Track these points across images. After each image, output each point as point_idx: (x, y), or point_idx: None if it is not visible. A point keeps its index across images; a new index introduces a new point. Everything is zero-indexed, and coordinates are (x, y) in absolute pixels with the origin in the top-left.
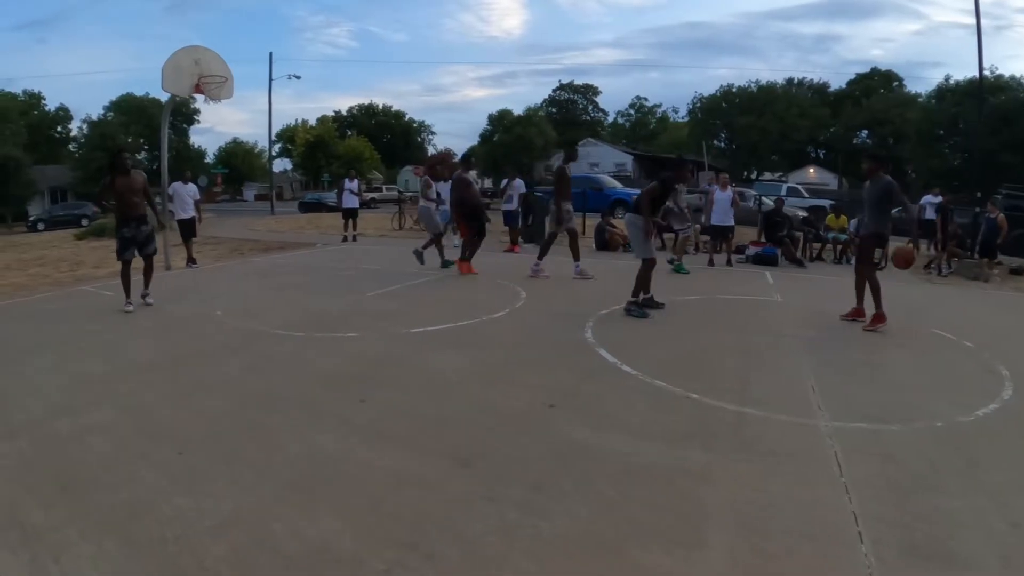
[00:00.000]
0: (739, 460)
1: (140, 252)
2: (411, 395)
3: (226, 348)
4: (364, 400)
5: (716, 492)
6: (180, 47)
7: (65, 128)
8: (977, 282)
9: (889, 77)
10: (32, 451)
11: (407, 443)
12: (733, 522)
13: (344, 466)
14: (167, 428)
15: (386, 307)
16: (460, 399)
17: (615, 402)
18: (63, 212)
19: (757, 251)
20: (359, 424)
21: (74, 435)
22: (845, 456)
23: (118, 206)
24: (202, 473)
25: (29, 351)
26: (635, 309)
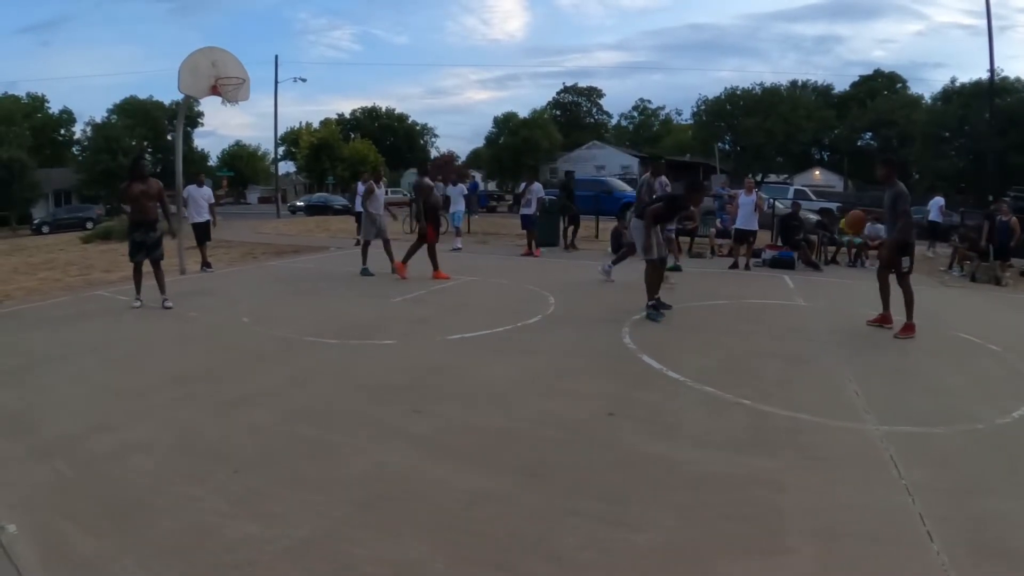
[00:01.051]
0: (804, 467)
1: (148, 256)
2: (467, 406)
3: (260, 357)
4: (419, 412)
5: (789, 499)
6: (187, 49)
7: (69, 131)
8: (990, 284)
9: (893, 79)
10: (71, 472)
11: (474, 457)
12: (811, 528)
13: (414, 483)
14: (214, 445)
15: (416, 313)
16: (518, 409)
17: (672, 410)
18: (67, 215)
19: (774, 255)
20: (419, 437)
21: (114, 454)
22: (900, 459)
23: (132, 211)
24: (264, 494)
25: (52, 360)
26: (653, 313)
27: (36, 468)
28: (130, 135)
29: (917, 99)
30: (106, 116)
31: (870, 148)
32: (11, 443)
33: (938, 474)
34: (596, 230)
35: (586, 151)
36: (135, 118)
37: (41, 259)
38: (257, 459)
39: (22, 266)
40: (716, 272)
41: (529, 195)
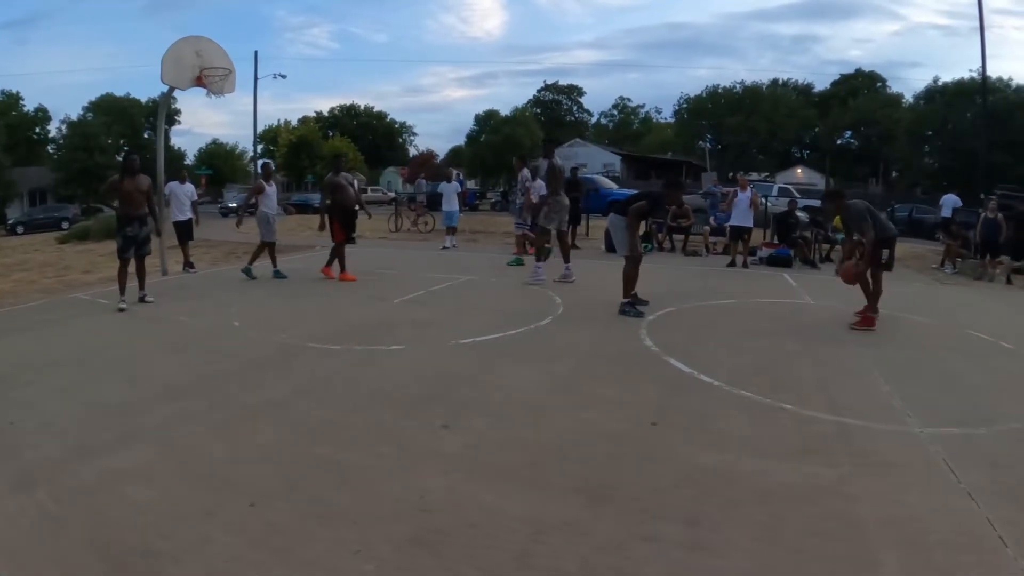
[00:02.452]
0: (864, 474)
1: (137, 252)
2: (498, 418)
3: (259, 366)
4: (447, 426)
5: (860, 508)
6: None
7: (44, 129)
8: (981, 281)
9: (873, 78)
10: (56, 506)
11: (523, 478)
12: (892, 538)
13: (464, 512)
14: (222, 471)
15: (419, 315)
16: (555, 420)
17: (716, 417)
18: (43, 215)
19: (771, 252)
20: (454, 456)
21: (105, 483)
22: (953, 462)
23: (123, 206)
24: (290, 532)
25: (31, 371)
26: (630, 309)
27: (14, 501)
28: (107, 133)
29: (898, 98)
30: (82, 114)
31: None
32: None
33: (992, 476)
34: (587, 228)
35: (568, 149)
36: (112, 116)
37: (15, 260)
38: (274, 487)
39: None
40: (715, 270)
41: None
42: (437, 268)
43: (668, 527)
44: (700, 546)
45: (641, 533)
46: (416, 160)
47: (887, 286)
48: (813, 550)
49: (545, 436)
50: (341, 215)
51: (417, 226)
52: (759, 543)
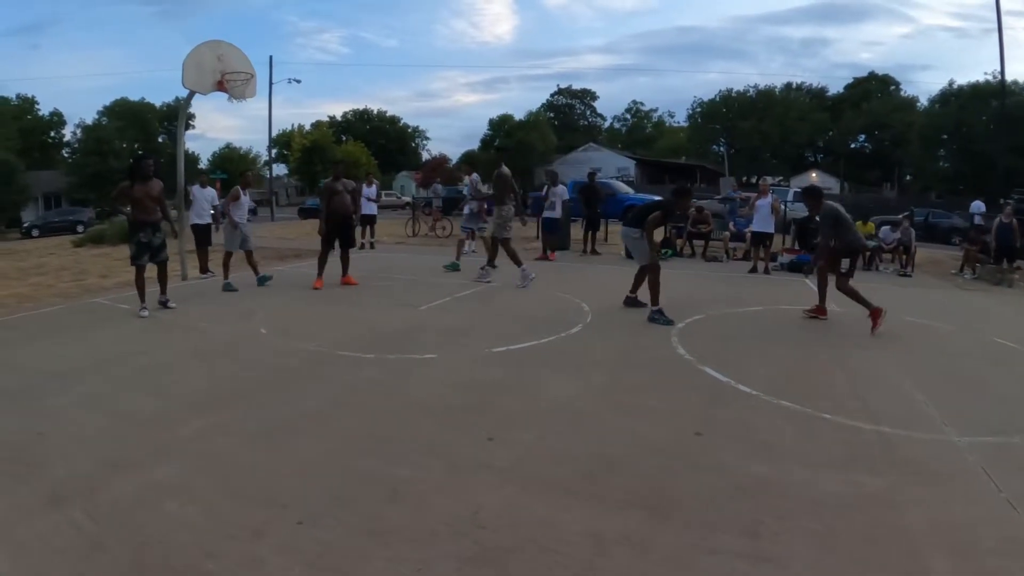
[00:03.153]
0: (909, 483)
1: (153, 259)
2: (543, 429)
3: (290, 374)
4: (492, 439)
5: (908, 517)
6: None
7: (59, 133)
8: (1000, 287)
9: (886, 81)
10: (92, 524)
11: (578, 491)
12: (942, 546)
13: (523, 527)
14: (265, 486)
15: (449, 323)
16: (600, 431)
17: (760, 427)
18: (58, 218)
19: (791, 258)
20: (505, 470)
21: (144, 499)
22: (992, 471)
23: (135, 211)
24: (344, 551)
25: (56, 379)
26: (660, 317)
27: (48, 520)
28: (121, 137)
29: (911, 101)
30: (96, 118)
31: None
32: (16, 486)
33: None
34: (606, 233)
35: (582, 153)
36: (126, 120)
37: (32, 263)
38: (322, 504)
39: (12, 271)
40: (737, 276)
41: (553, 197)
42: (460, 274)
43: (729, 539)
44: (763, 558)
45: (704, 546)
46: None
47: (909, 293)
48: (869, 559)
49: (593, 447)
50: (333, 222)
51: (435, 231)
52: (818, 553)
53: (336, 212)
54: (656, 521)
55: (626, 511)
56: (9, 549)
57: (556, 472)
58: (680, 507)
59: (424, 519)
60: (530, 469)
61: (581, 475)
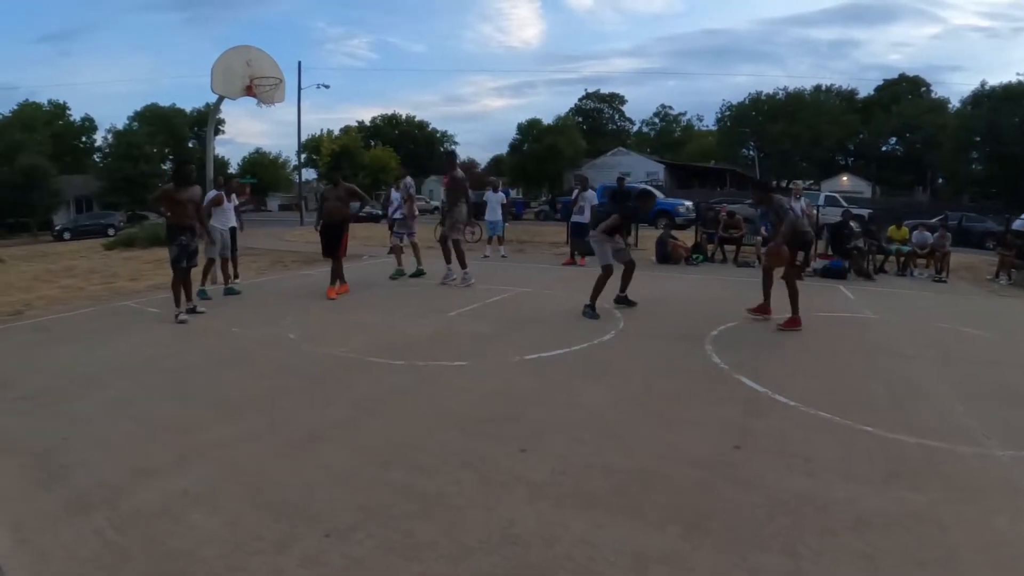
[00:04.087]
0: (954, 499)
1: (187, 263)
2: (577, 441)
3: (318, 381)
4: (525, 450)
5: (954, 535)
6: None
7: (90, 138)
8: None
9: (917, 82)
10: (116, 534)
11: (615, 506)
12: (990, 565)
13: (558, 543)
14: (292, 497)
15: (479, 329)
16: (636, 443)
17: (799, 440)
18: (89, 221)
19: (825, 264)
20: (540, 484)
21: (168, 508)
22: None
23: (175, 216)
24: (375, 567)
25: (83, 382)
26: (590, 313)
27: (73, 528)
28: (151, 142)
29: (942, 103)
30: (127, 123)
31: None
32: (41, 492)
33: None
34: (636, 238)
35: (611, 158)
36: (156, 125)
37: (62, 266)
38: (350, 516)
39: (43, 273)
40: None
41: (582, 202)
42: (490, 279)
43: (769, 559)
44: None
45: (744, 566)
46: None
47: (944, 299)
48: None
49: (629, 460)
50: (325, 229)
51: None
52: (863, 573)
53: (329, 220)
54: (695, 538)
55: (663, 527)
56: (31, 557)
57: (591, 486)
58: (718, 524)
59: (456, 534)
60: (564, 482)
61: (617, 489)
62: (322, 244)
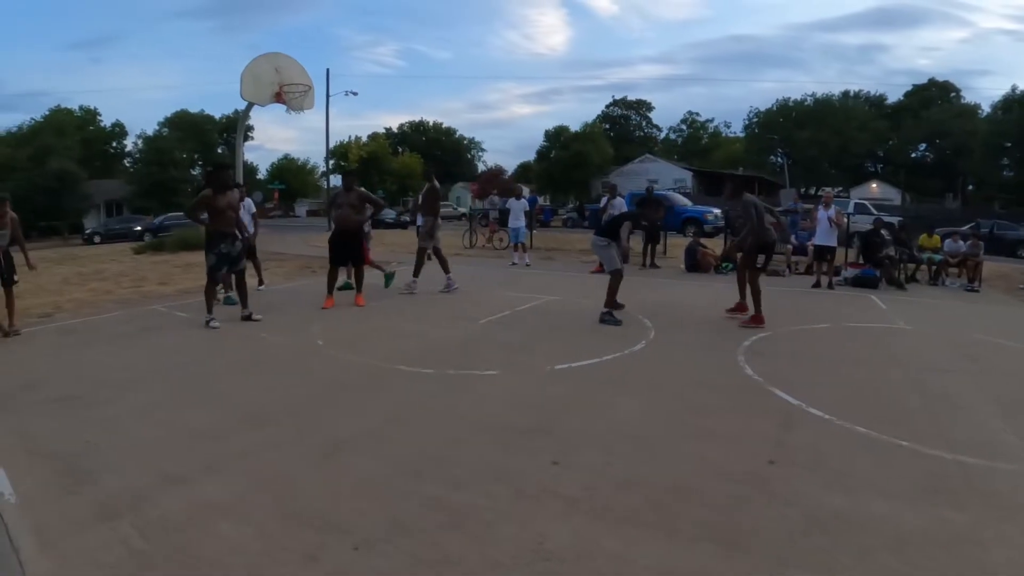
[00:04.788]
0: (993, 517)
1: (231, 268)
2: (611, 454)
3: (347, 388)
4: (558, 463)
5: (994, 555)
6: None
7: (120, 144)
8: None
9: (946, 88)
10: (142, 542)
11: (648, 522)
12: None
13: (590, 560)
14: (320, 508)
15: (508, 337)
16: (669, 457)
17: (834, 455)
18: (119, 225)
19: (856, 273)
20: (572, 498)
21: (194, 516)
22: None
23: (215, 222)
24: None
25: (109, 387)
26: (609, 318)
27: (98, 534)
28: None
29: (973, 108)
30: (157, 129)
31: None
32: (66, 496)
33: None
34: (665, 246)
35: (638, 165)
36: (185, 131)
37: (92, 269)
38: (379, 529)
39: (73, 276)
40: (800, 291)
41: (612, 210)
42: (518, 287)
43: None
44: None
45: None
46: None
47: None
48: None
49: (663, 475)
50: (334, 236)
51: (492, 242)
52: None
53: (339, 227)
54: (729, 556)
55: (697, 544)
56: (55, 563)
57: (625, 501)
58: (753, 541)
59: (487, 549)
60: (597, 497)
61: (651, 504)
62: (331, 253)
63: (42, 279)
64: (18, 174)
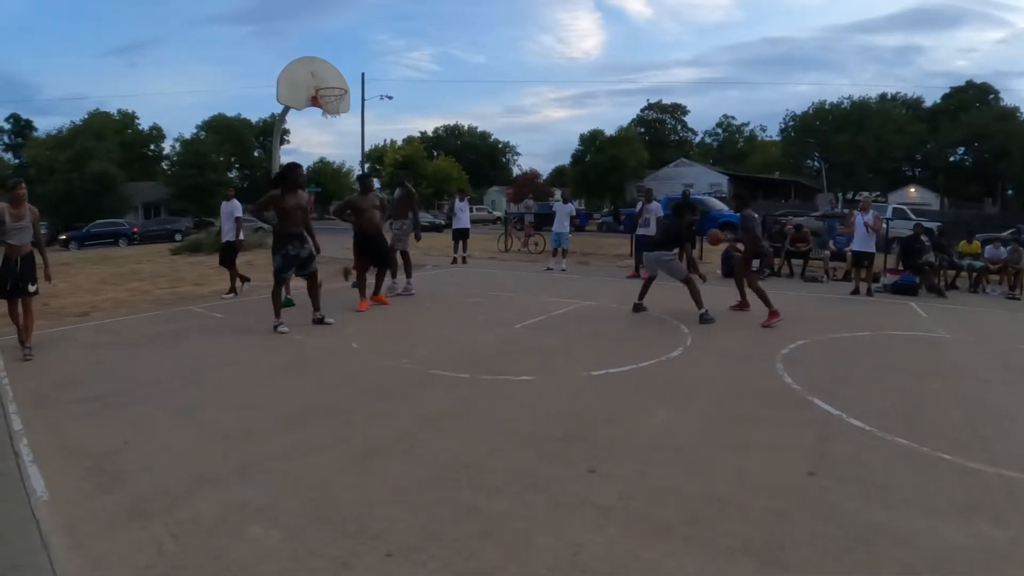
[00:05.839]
0: None
1: (300, 272)
2: (648, 463)
3: (382, 392)
4: (594, 471)
5: None
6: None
7: (158, 146)
8: None
9: (984, 89)
10: (173, 544)
11: (684, 535)
12: None
13: (625, 572)
14: (353, 513)
15: (544, 343)
16: (707, 468)
17: (875, 468)
18: (156, 227)
19: (895, 280)
20: (608, 507)
21: (226, 520)
22: None
23: (282, 223)
24: None
25: (146, 387)
26: (707, 316)
27: (129, 535)
28: (217, 151)
29: (1012, 111)
30: (194, 132)
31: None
32: (99, 496)
33: None
34: (700, 251)
35: (674, 169)
36: (222, 135)
37: (129, 269)
38: (413, 536)
39: (110, 276)
40: (839, 298)
41: (647, 214)
42: (554, 291)
43: None
44: None
45: None
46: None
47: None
48: None
49: (700, 486)
50: (360, 241)
51: (527, 246)
52: None
53: (364, 231)
54: (769, 571)
55: (736, 559)
56: (87, 562)
57: (662, 512)
58: (793, 557)
59: (522, 559)
60: (634, 507)
61: (688, 516)
62: (358, 258)
63: (79, 279)
64: (57, 176)
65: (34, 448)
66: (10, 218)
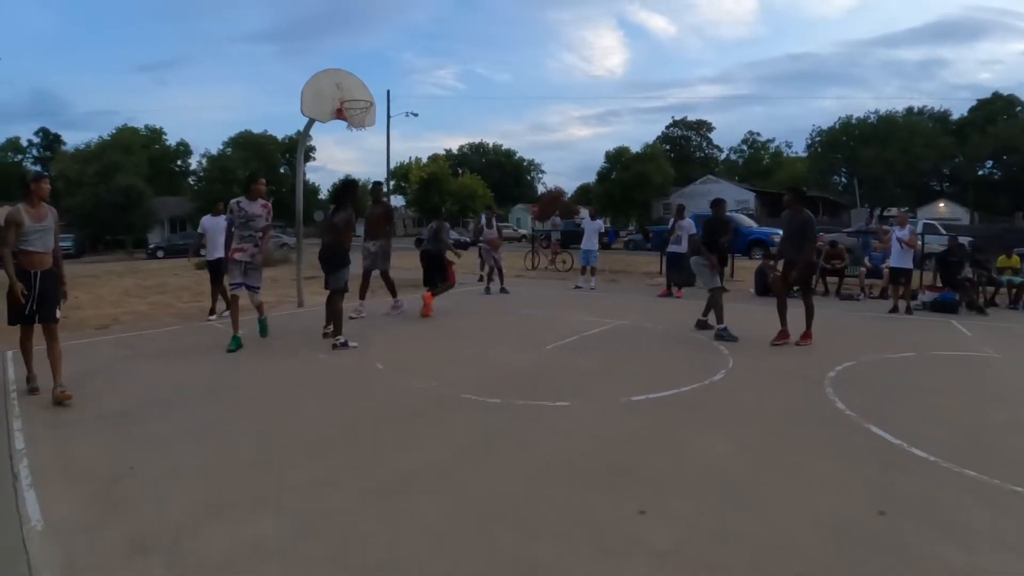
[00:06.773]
0: None
1: None
2: (702, 501)
3: (409, 418)
4: (644, 512)
5: None
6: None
7: (185, 162)
8: None
9: (1012, 102)
10: None
11: None
12: None
13: None
14: (379, 556)
15: (580, 364)
16: (767, 505)
17: (947, 504)
18: (182, 241)
19: (935, 297)
20: (662, 552)
21: (236, 558)
22: None
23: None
24: None
25: (160, 406)
26: (726, 334)
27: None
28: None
29: None
30: (221, 148)
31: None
32: (100, 526)
33: None
34: (732, 268)
35: (700, 186)
36: (249, 151)
37: (153, 282)
38: None
39: (134, 289)
40: (877, 317)
41: (679, 231)
42: (585, 310)
43: None
44: None
45: None
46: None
47: None
48: None
49: (760, 526)
50: None
51: (555, 264)
52: None
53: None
54: None
55: None
56: None
57: (721, 556)
58: None
59: None
60: (690, 552)
61: (749, 560)
62: None
63: (103, 290)
64: (85, 189)
65: (34, 470)
66: (28, 218)
